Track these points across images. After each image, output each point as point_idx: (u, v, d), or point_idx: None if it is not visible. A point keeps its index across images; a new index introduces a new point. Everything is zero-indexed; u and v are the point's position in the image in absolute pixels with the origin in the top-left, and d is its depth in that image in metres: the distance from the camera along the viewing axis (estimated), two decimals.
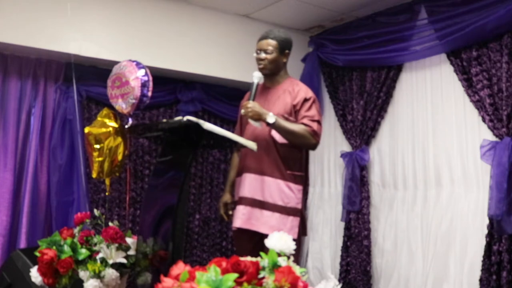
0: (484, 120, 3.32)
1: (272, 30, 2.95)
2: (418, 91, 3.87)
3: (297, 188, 2.81)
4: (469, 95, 3.43)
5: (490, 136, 3.27)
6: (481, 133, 3.36)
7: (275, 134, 2.77)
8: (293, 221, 2.76)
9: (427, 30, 3.71)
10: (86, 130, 3.48)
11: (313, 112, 2.79)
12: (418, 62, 3.86)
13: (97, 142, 3.44)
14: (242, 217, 2.77)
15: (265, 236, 2.74)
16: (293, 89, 2.84)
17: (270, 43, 2.85)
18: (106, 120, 3.54)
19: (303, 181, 2.87)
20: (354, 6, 4.10)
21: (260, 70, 2.85)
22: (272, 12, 4.26)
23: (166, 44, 4.01)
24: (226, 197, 3.01)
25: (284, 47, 2.87)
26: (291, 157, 2.80)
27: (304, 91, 2.84)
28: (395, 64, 3.96)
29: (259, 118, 2.68)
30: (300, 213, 2.80)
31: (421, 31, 3.75)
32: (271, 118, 2.66)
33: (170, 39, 4.03)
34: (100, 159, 3.44)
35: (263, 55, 2.84)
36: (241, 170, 2.90)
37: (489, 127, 3.29)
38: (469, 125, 3.48)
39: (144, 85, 3.26)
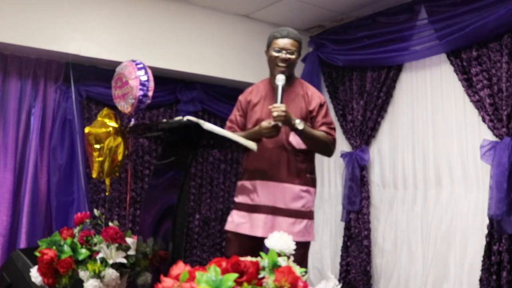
0: (484, 120, 3.32)
1: (289, 30, 2.79)
2: (418, 91, 3.87)
3: (314, 191, 2.78)
4: (469, 95, 3.43)
5: (490, 136, 3.27)
6: (481, 133, 3.36)
7: (293, 139, 2.69)
8: (312, 224, 2.73)
9: (427, 30, 3.71)
10: (86, 130, 3.48)
11: (330, 118, 2.76)
12: (418, 62, 3.86)
13: (97, 142, 3.44)
14: (264, 226, 2.64)
15: (262, 240, 2.72)
16: (306, 93, 2.77)
17: (294, 44, 2.72)
18: (106, 120, 3.54)
19: (316, 183, 2.85)
20: (354, 6, 4.10)
21: (282, 71, 2.70)
22: (272, 12, 4.26)
23: (166, 44, 4.01)
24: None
25: (301, 49, 2.80)
26: (308, 161, 2.76)
27: (318, 95, 2.79)
28: (395, 64, 3.96)
29: (289, 123, 2.57)
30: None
31: (421, 31, 3.75)
32: (300, 125, 2.56)
33: (170, 39, 4.04)
34: (101, 159, 3.44)
35: (287, 56, 2.71)
36: (255, 174, 2.76)
37: (489, 127, 3.29)
38: (469, 125, 3.48)
39: (143, 84, 3.25)
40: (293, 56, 2.73)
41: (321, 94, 2.83)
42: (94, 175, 3.51)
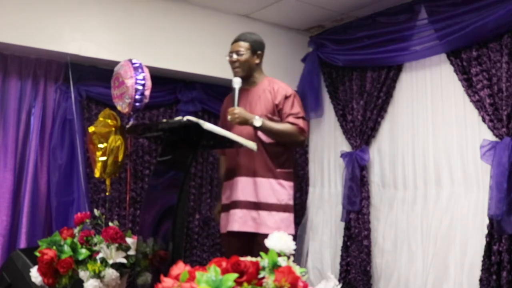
0: (484, 120, 3.32)
1: (243, 33, 3.04)
2: (418, 91, 3.87)
3: (288, 184, 2.86)
4: (469, 95, 3.43)
5: (490, 136, 3.27)
6: (481, 133, 3.36)
7: (261, 134, 2.82)
8: (289, 217, 2.82)
9: (427, 30, 3.71)
10: (91, 129, 3.49)
11: (296, 109, 2.86)
12: (418, 62, 3.85)
13: (101, 141, 3.45)
14: (239, 221, 2.80)
15: (254, 235, 2.79)
16: (273, 88, 2.90)
17: (241, 45, 2.95)
18: (108, 120, 3.55)
19: (293, 177, 2.93)
20: (354, 6, 4.10)
21: (234, 72, 2.94)
22: (272, 12, 4.26)
23: (166, 44, 4.00)
24: (220, 206, 3.06)
25: (256, 48, 2.96)
26: (280, 155, 2.85)
27: (284, 88, 2.90)
28: (395, 64, 3.96)
29: (245, 122, 2.74)
30: (293, 209, 2.87)
31: (421, 31, 3.75)
32: (257, 122, 2.73)
33: (170, 39, 4.03)
34: (104, 158, 3.46)
35: (235, 57, 2.94)
36: (230, 173, 2.94)
37: (489, 127, 3.29)
38: (469, 125, 3.48)
39: (139, 84, 3.25)
40: (241, 57, 2.92)
41: (288, 88, 2.94)
42: (97, 174, 3.51)
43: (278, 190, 2.80)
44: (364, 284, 4.00)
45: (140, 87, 3.26)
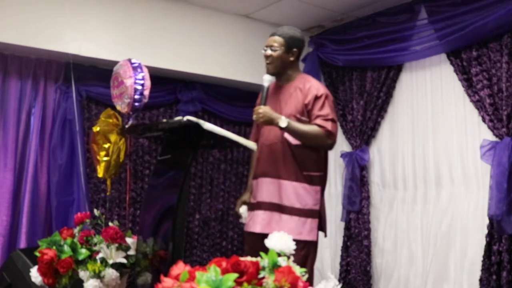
0: (484, 120, 3.32)
1: (282, 27, 2.84)
2: (418, 91, 3.87)
3: (314, 189, 2.72)
4: (469, 95, 3.43)
5: (490, 136, 3.27)
6: (481, 133, 3.36)
7: (288, 136, 2.68)
8: (312, 223, 2.68)
9: (427, 30, 3.71)
10: (95, 129, 3.50)
11: (326, 110, 2.68)
12: (418, 62, 3.85)
13: (106, 141, 3.46)
14: (262, 222, 2.70)
15: None
16: (304, 86, 2.73)
17: (276, 40, 2.75)
18: (110, 120, 3.56)
19: (321, 181, 2.79)
20: (354, 6, 4.10)
21: (266, 67, 2.78)
22: (272, 12, 4.26)
23: (166, 44, 4.01)
24: (246, 196, 2.94)
25: (291, 44, 2.76)
26: (307, 158, 2.72)
27: (316, 88, 2.73)
28: (395, 64, 3.96)
29: (271, 122, 2.61)
30: (319, 214, 2.72)
31: (421, 31, 3.75)
32: (283, 122, 2.58)
33: (170, 39, 4.03)
34: (107, 158, 3.47)
35: (268, 52, 2.76)
36: (256, 173, 2.83)
37: (489, 127, 3.29)
38: (469, 125, 3.48)
39: (138, 84, 3.25)
40: (274, 53, 2.74)
41: (321, 87, 2.76)
42: (101, 174, 3.52)
43: (302, 194, 2.68)
44: (364, 284, 4.00)
45: (139, 87, 3.25)
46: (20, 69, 3.70)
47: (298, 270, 1.35)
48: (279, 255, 1.42)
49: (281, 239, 1.47)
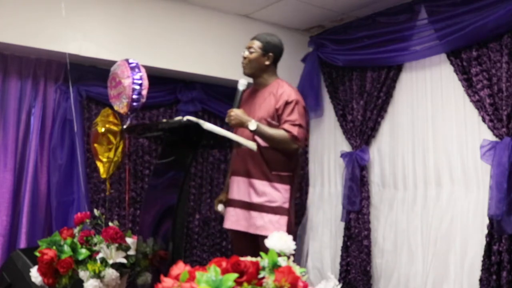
0: (484, 120, 3.32)
1: (262, 33, 3.04)
2: (418, 91, 3.87)
3: (283, 187, 2.85)
4: (469, 95, 3.43)
5: (490, 136, 3.27)
6: (481, 133, 3.36)
7: (258, 138, 2.83)
8: (280, 220, 2.80)
9: (427, 30, 3.71)
10: (101, 129, 3.50)
11: (294, 116, 2.83)
12: (418, 62, 3.85)
13: (110, 142, 3.47)
14: (231, 219, 2.89)
15: (255, 236, 2.84)
16: (277, 92, 2.89)
17: (255, 43, 2.94)
18: (110, 119, 3.57)
19: (291, 180, 2.90)
20: (354, 6, 4.10)
21: (242, 68, 2.96)
22: (272, 12, 4.26)
23: (166, 44, 4.00)
24: (222, 196, 3.12)
25: (268, 49, 2.93)
26: (276, 159, 2.85)
27: (287, 93, 2.87)
28: (395, 64, 3.96)
29: (241, 125, 2.77)
30: (288, 212, 2.84)
31: (421, 31, 3.75)
32: (252, 125, 2.74)
33: (170, 39, 4.03)
34: (111, 158, 3.49)
35: (246, 53, 2.94)
36: (231, 172, 3.02)
37: (489, 127, 3.29)
38: (469, 125, 3.48)
39: (136, 84, 3.25)
40: (251, 55, 2.92)
41: (292, 93, 2.89)
42: (104, 175, 3.53)
43: (271, 192, 2.82)
44: (364, 284, 4.00)
45: (137, 87, 3.26)
46: (20, 69, 3.70)
47: (298, 270, 1.35)
48: (279, 255, 1.42)
49: (281, 239, 1.47)
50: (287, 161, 2.89)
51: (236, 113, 2.78)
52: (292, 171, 2.91)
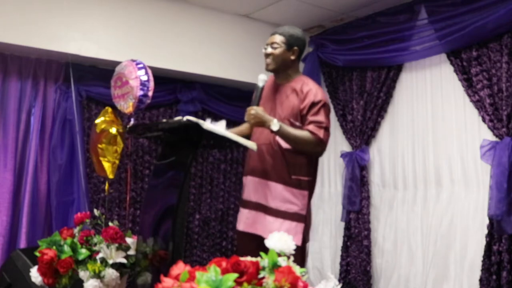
0: (484, 120, 3.32)
1: (283, 26, 2.83)
2: (418, 91, 3.87)
3: (301, 193, 2.67)
4: (469, 95, 3.43)
5: (490, 136, 3.28)
6: (481, 133, 3.36)
7: (280, 139, 2.66)
8: (297, 227, 2.64)
9: (427, 30, 3.71)
10: (113, 131, 3.49)
11: (321, 117, 2.64)
12: (418, 62, 3.86)
13: (114, 142, 3.48)
14: (246, 221, 2.71)
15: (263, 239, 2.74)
16: (302, 90, 2.68)
17: (277, 38, 2.73)
18: (116, 121, 3.58)
19: (309, 186, 2.73)
20: (354, 6, 4.10)
21: (266, 64, 2.75)
22: (272, 12, 4.26)
23: (166, 44, 4.01)
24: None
25: (292, 43, 2.73)
26: (297, 162, 2.68)
27: (314, 93, 2.66)
28: (395, 64, 3.96)
29: (262, 124, 2.58)
30: (305, 219, 2.67)
31: (421, 31, 3.75)
32: (275, 126, 2.54)
33: (170, 39, 4.04)
34: (117, 159, 3.51)
35: (269, 50, 2.73)
36: (246, 171, 2.84)
37: (489, 127, 3.29)
38: (469, 125, 3.48)
39: (143, 84, 3.26)
40: (275, 50, 2.70)
41: (320, 92, 2.70)
42: (111, 175, 3.53)
43: (289, 197, 2.65)
44: (364, 284, 4.00)
45: (145, 88, 3.28)
46: (20, 69, 3.70)
47: (298, 270, 1.35)
48: (279, 255, 1.42)
49: (281, 239, 1.47)
50: (308, 165, 2.71)
51: (256, 111, 2.57)
52: (311, 175, 2.75)
